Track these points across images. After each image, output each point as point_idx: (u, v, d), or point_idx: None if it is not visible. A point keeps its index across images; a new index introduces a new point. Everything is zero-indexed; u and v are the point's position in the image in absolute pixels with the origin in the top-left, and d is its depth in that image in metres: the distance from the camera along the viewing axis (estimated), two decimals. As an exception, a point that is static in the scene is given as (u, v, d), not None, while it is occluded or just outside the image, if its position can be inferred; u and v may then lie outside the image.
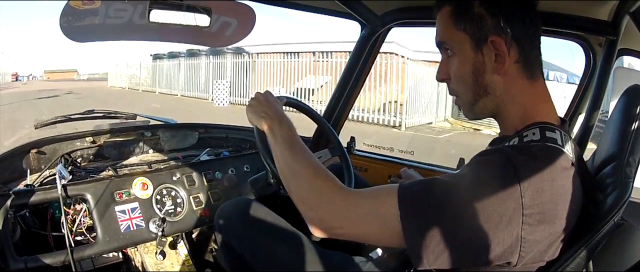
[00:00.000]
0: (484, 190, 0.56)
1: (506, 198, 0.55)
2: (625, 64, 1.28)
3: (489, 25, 0.64)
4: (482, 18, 0.64)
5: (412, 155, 1.83)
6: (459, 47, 0.67)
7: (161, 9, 1.22)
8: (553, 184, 0.57)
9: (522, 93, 0.67)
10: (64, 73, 37.01)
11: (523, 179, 0.55)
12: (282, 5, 1.38)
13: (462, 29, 0.66)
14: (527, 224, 0.55)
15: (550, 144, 0.61)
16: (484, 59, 0.65)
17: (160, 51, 16.52)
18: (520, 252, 0.56)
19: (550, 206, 0.56)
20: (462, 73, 0.67)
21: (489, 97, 0.67)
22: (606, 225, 0.61)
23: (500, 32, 0.64)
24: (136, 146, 1.51)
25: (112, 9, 1.22)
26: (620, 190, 0.62)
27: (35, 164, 1.29)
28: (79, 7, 1.17)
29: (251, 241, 0.95)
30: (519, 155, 0.58)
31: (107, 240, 1.11)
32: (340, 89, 1.53)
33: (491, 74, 0.66)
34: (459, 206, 0.56)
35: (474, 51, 0.66)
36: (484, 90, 0.67)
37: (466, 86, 0.68)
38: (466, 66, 0.67)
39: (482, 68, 0.66)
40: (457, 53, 0.68)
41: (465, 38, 0.66)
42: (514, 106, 0.67)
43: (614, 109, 0.74)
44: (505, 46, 0.63)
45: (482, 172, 0.59)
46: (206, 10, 1.26)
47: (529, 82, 0.67)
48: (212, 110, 10.62)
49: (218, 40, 1.43)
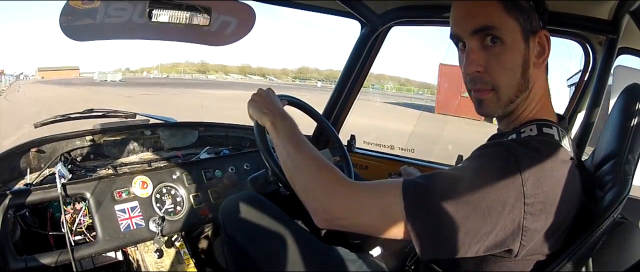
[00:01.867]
0: (486, 179, 0.56)
1: (508, 187, 0.55)
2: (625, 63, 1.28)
3: (534, 18, 0.64)
4: (530, 11, 0.63)
5: (412, 152, 1.83)
6: (511, 35, 0.63)
7: (161, 8, 1.22)
8: (553, 175, 0.57)
9: (540, 90, 0.68)
10: (61, 71, 34.66)
11: (524, 168, 0.55)
12: (283, 5, 1.39)
13: (515, 18, 0.63)
14: (529, 214, 0.56)
15: (548, 138, 0.62)
16: (529, 52, 0.64)
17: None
18: (522, 240, 0.57)
19: (551, 195, 0.57)
20: (512, 64, 0.64)
21: (527, 93, 0.66)
22: (605, 222, 0.61)
23: (544, 26, 0.64)
24: (136, 144, 1.51)
25: (112, 8, 1.22)
26: (619, 187, 0.63)
27: (34, 163, 1.29)
28: (79, 6, 1.17)
29: (256, 236, 0.95)
30: (519, 147, 0.58)
31: (107, 239, 1.10)
32: (340, 88, 1.53)
33: (533, 68, 0.65)
34: (462, 196, 0.56)
35: (524, 43, 0.64)
36: (526, 85, 0.65)
37: (513, 79, 0.64)
38: (517, 57, 0.64)
39: (528, 61, 0.64)
40: (508, 42, 0.63)
41: (517, 27, 0.63)
42: (532, 104, 0.67)
43: (613, 107, 0.75)
44: (546, 41, 0.64)
45: (484, 162, 0.60)
46: (206, 9, 1.25)
47: (544, 78, 0.68)
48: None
49: (218, 40, 1.43)
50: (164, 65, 49.68)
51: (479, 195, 0.56)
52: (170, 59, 54.36)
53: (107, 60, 65.22)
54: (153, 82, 32.55)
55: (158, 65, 46.73)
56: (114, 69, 51.23)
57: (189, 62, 51.91)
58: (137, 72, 46.24)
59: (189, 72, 49.76)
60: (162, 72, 46.61)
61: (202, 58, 52.81)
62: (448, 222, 0.56)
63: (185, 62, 52.23)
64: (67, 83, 25.18)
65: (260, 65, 63.59)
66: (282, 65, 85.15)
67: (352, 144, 1.48)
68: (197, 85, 30.41)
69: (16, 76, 28.44)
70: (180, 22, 1.24)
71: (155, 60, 61.90)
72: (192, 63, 53.02)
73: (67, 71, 36.99)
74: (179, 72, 49.70)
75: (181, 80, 39.72)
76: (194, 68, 52.12)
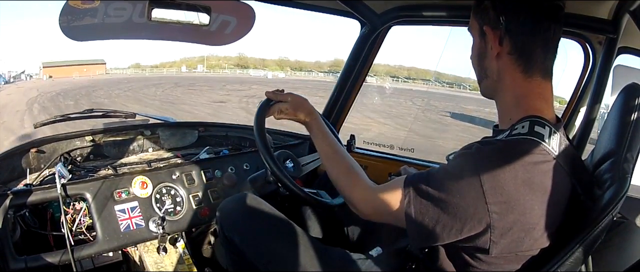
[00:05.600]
0: (453, 182, 0.66)
1: (469, 188, 0.64)
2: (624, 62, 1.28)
3: (489, 17, 0.73)
4: (487, 10, 0.74)
5: (412, 152, 1.83)
6: (473, 33, 0.78)
7: (161, 7, 1.22)
8: (517, 175, 0.62)
9: (514, 84, 0.72)
10: (78, 67, 24.95)
11: (483, 171, 0.63)
12: (283, 5, 1.39)
13: (475, 18, 0.77)
14: (494, 212, 0.63)
15: (532, 138, 0.65)
16: (486, 46, 0.75)
17: None
18: (492, 237, 0.64)
19: (515, 196, 0.62)
20: (473, 55, 0.79)
21: (488, 80, 0.76)
22: (604, 220, 0.61)
23: (496, 24, 0.72)
24: (135, 144, 1.51)
25: (112, 8, 1.22)
26: (618, 185, 0.63)
27: (34, 163, 1.29)
28: (79, 6, 1.17)
29: (253, 238, 0.95)
30: (484, 148, 0.67)
31: (107, 239, 1.11)
32: (339, 87, 1.53)
33: (490, 60, 0.74)
34: (440, 193, 0.66)
35: (480, 38, 0.76)
36: (484, 73, 0.77)
37: (475, 67, 0.79)
38: (475, 50, 0.78)
39: (484, 53, 0.75)
40: (473, 38, 0.78)
41: (476, 26, 0.76)
42: (508, 95, 0.74)
43: (612, 106, 0.75)
44: (495, 36, 0.72)
45: (455, 166, 0.69)
46: (206, 8, 1.26)
47: (523, 76, 0.71)
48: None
49: (218, 39, 1.43)
50: (209, 58, 45.91)
51: (449, 195, 0.65)
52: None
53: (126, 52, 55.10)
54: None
55: (203, 58, 43.97)
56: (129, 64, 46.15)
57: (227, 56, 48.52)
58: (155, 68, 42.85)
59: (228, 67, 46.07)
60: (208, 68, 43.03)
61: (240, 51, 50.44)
62: (431, 218, 0.67)
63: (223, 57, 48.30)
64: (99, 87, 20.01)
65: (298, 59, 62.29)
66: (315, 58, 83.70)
67: (351, 143, 1.48)
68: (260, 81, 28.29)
69: (11, 76, 20.31)
70: (180, 21, 1.24)
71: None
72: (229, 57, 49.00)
73: (87, 66, 27.45)
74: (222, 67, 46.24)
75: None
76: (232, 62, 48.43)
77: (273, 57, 57.07)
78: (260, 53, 57.87)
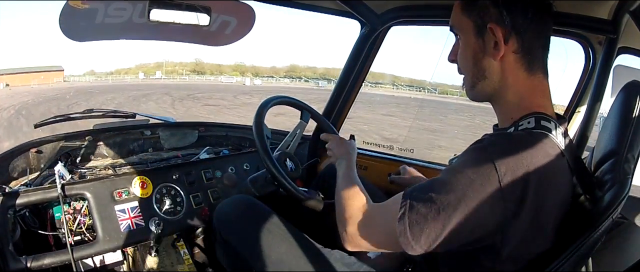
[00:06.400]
0: (467, 177, 0.60)
1: (486, 183, 0.59)
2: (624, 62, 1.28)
3: (491, 14, 0.69)
4: (486, 7, 0.70)
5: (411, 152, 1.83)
6: (464, 31, 0.73)
7: (161, 8, 1.22)
8: (531, 169, 0.59)
9: (518, 83, 0.70)
10: (35, 74, 23.98)
11: (500, 164, 0.59)
12: (283, 5, 1.38)
13: (468, 16, 0.72)
14: (509, 209, 0.59)
15: (542, 131, 0.64)
16: (484, 45, 0.70)
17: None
18: (504, 237, 0.60)
19: (531, 190, 0.59)
20: (465, 55, 0.73)
21: (486, 81, 0.72)
22: (605, 221, 0.61)
23: (501, 21, 0.68)
24: (135, 144, 1.51)
25: (112, 8, 1.22)
26: (619, 186, 0.63)
27: (34, 163, 1.29)
28: (79, 6, 1.17)
29: (250, 240, 0.95)
30: (497, 141, 0.64)
31: (107, 239, 1.10)
32: (339, 87, 1.53)
33: (489, 59, 0.70)
34: (448, 196, 0.61)
35: (476, 37, 0.71)
36: (482, 74, 0.72)
37: (468, 68, 0.74)
38: (468, 50, 0.72)
39: (482, 53, 0.71)
40: (462, 37, 0.74)
41: (470, 24, 0.71)
42: (510, 94, 0.70)
43: (612, 106, 0.74)
44: (502, 34, 0.68)
45: (466, 161, 0.64)
46: (206, 9, 1.25)
47: (526, 74, 0.69)
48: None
49: (218, 39, 1.43)
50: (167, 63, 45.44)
51: (459, 195, 0.60)
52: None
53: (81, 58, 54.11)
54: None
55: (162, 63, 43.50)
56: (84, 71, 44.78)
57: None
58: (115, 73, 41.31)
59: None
60: (166, 74, 42.68)
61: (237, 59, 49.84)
62: (435, 227, 0.61)
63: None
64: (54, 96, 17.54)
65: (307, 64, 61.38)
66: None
67: (351, 144, 1.48)
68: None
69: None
70: (180, 22, 1.24)
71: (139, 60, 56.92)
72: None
73: (45, 73, 26.67)
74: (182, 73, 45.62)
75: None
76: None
77: (229, 62, 55.92)
78: (216, 58, 56.83)
